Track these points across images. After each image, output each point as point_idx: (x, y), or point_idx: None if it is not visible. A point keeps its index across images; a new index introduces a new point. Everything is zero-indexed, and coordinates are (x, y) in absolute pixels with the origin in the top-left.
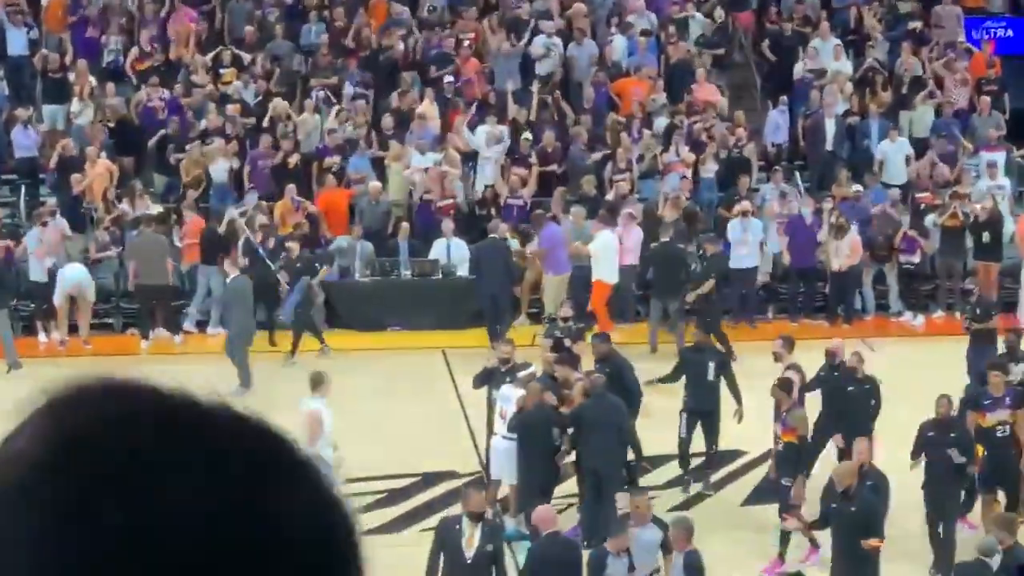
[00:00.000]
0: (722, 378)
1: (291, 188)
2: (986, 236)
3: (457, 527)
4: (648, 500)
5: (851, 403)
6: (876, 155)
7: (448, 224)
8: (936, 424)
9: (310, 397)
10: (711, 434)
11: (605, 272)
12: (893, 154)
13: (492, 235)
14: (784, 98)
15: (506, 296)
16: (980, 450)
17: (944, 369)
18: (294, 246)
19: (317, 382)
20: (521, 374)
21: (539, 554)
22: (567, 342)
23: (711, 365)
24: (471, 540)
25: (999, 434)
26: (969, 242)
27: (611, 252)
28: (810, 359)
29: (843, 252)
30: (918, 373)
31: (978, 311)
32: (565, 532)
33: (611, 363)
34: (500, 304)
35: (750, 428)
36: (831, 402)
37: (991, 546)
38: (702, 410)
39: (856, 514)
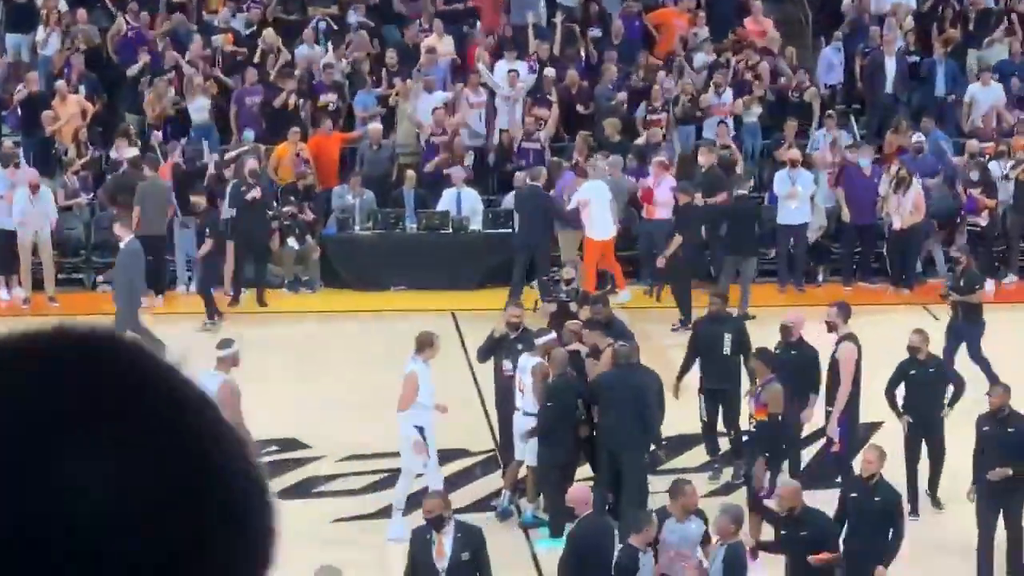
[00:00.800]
0: (740, 353)
1: (294, 132)
2: None
3: (427, 536)
4: (695, 491)
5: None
6: (965, 99)
7: (459, 172)
8: (992, 417)
9: (411, 358)
10: (730, 415)
11: (597, 227)
12: (985, 99)
13: (532, 182)
14: (838, 34)
15: (546, 248)
16: None
17: (1020, 341)
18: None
19: (423, 344)
20: (540, 340)
21: (578, 538)
22: (572, 306)
23: (727, 337)
24: (440, 550)
25: None
26: None
27: (602, 203)
28: (867, 327)
29: (905, 208)
30: (988, 346)
31: (962, 282)
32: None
33: (612, 331)
34: (540, 256)
35: None
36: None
37: None
38: (717, 388)
39: (807, 538)
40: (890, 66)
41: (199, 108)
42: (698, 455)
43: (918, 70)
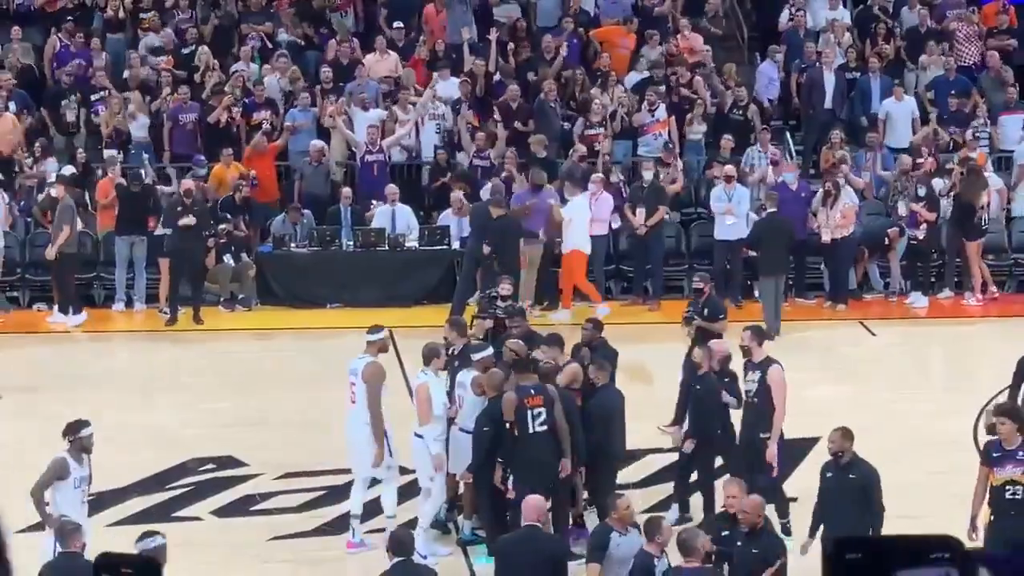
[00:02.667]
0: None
1: (227, 153)
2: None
3: None
4: (630, 504)
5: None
6: (880, 115)
7: (392, 188)
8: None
9: (421, 371)
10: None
11: (580, 240)
12: (898, 114)
13: (486, 196)
14: (775, 48)
15: (489, 264)
16: (987, 514)
17: (952, 356)
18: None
19: (430, 355)
20: (477, 356)
21: (509, 546)
22: (507, 322)
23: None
24: None
25: (1008, 495)
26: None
27: (583, 218)
28: (803, 344)
29: (833, 221)
30: (921, 359)
31: (705, 310)
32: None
33: (600, 352)
34: (484, 271)
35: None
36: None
37: None
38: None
39: (758, 556)
40: (829, 81)
41: (141, 126)
42: (638, 471)
43: (854, 86)
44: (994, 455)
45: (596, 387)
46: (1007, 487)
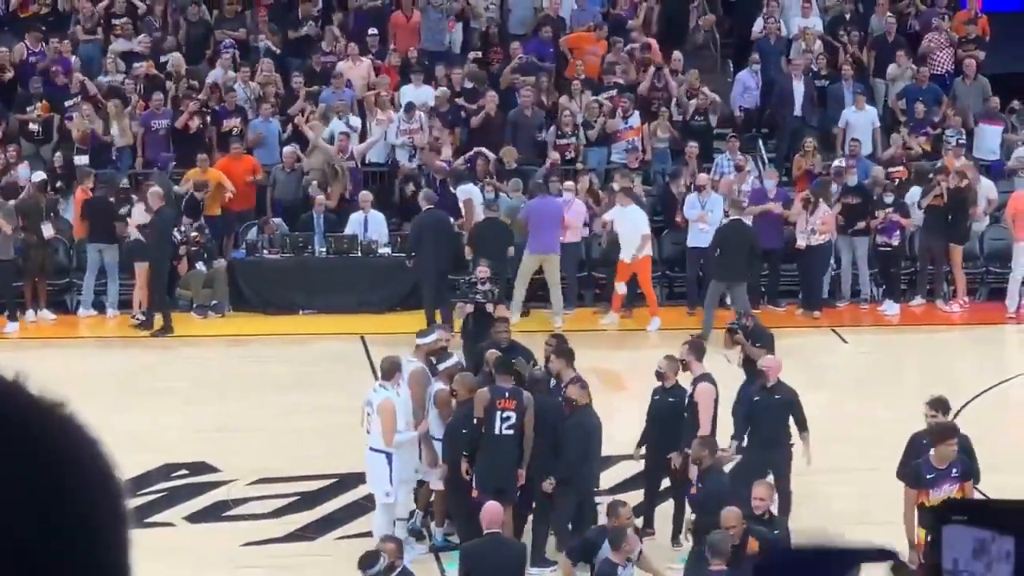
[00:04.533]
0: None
1: (202, 159)
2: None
3: None
4: (630, 511)
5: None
6: (840, 124)
7: (365, 195)
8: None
9: (379, 385)
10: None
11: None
12: (859, 124)
13: (429, 206)
14: (756, 56)
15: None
16: (922, 535)
17: (922, 364)
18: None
19: (389, 370)
20: (443, 365)
21: (473, 553)
22: (488, 307)
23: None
24: None
25: None
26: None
27: (636, 226)
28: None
29: (813, 227)
30: (894, 366)
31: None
32: None
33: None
34: (446, 283)
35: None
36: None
37: None
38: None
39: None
40: (798, 89)
41: (122, 131)
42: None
43: (825, 94)
44: (928, 476)
45: (576, 407)
46: None
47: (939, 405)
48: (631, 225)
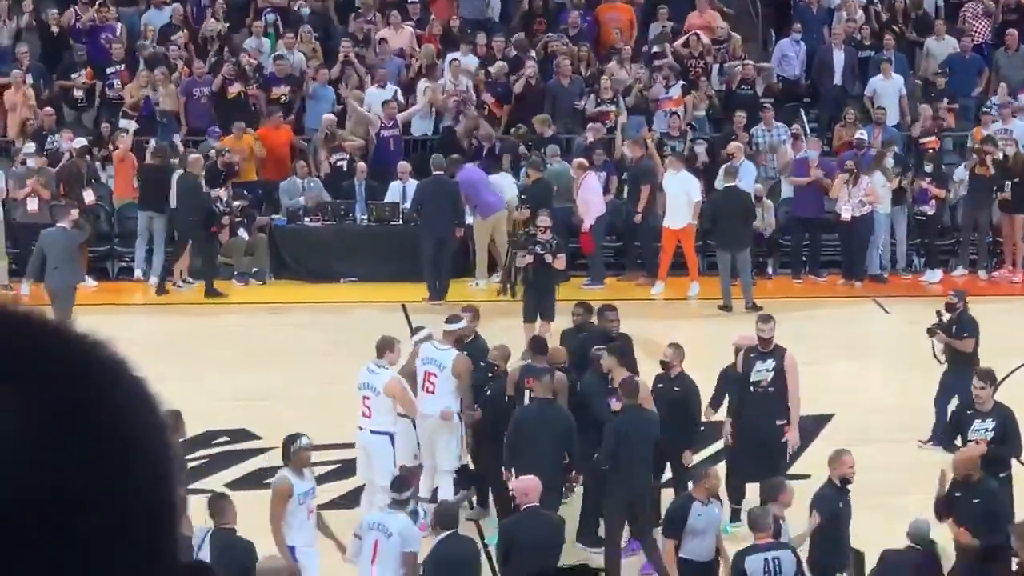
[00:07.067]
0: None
1: (239, 125)
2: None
3: None
4: (717, 474)
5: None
6: (867, 92)
7: (404, 165)
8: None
9: (375, 363)
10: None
11: (687, 214)
12: (886, 92)
13: (437, 172)
14: (797, 26)
15: (452, 242)
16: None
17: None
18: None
19: (384, 347)
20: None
21: (511, 530)
22: (547, 257)
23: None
24: None
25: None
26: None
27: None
28: (816, 322)
29: (856, 199)
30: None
31: (954, 327)
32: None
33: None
34: (446, 252)
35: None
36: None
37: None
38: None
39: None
40: (838, 59)
41: (167, 97)
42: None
43: (867, 64)
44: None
45: (625, 407)
46: None
47: (987, 377)
48: (682, 191)
